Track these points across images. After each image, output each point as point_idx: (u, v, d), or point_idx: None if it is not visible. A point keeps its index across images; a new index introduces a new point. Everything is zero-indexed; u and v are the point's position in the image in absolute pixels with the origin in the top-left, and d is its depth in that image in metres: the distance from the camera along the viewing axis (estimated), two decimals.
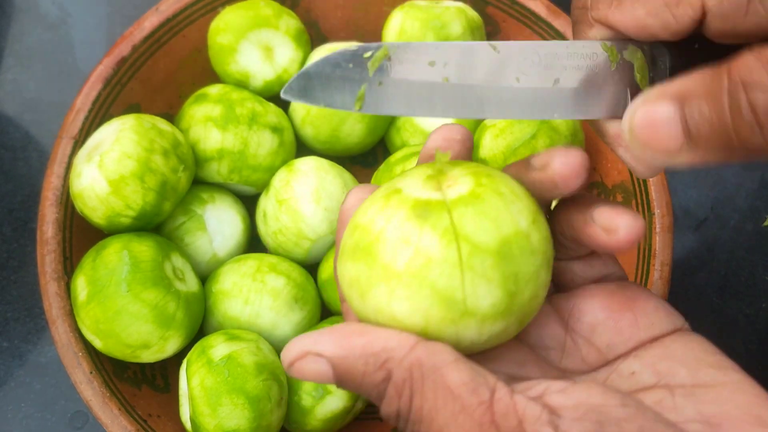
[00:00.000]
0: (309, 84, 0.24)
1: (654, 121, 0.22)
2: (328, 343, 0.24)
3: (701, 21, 0.23)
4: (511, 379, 0.24)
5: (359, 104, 0.24)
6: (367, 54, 0.24)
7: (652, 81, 0.26)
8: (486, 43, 0.25)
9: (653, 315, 0.27)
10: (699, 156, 0.21)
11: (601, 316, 0.27)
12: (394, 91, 0.25)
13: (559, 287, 0.29)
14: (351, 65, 0.24)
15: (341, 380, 0.24)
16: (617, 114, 0.26)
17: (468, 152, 0.28)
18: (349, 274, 0.25)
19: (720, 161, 0.21)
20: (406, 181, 0.26)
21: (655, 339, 0.26)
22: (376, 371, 0.23)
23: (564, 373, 0.27)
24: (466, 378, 0.22)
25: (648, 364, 0.25)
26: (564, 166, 0.25)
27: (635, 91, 0.26)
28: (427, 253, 0.23)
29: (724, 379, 0.24)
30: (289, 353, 0.24)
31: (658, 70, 0.25)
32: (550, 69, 0.25)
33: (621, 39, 0.26)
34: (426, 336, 0.24)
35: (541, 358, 0.27)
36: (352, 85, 0.24)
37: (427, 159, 0.29)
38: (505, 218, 0.24)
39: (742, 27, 0.23)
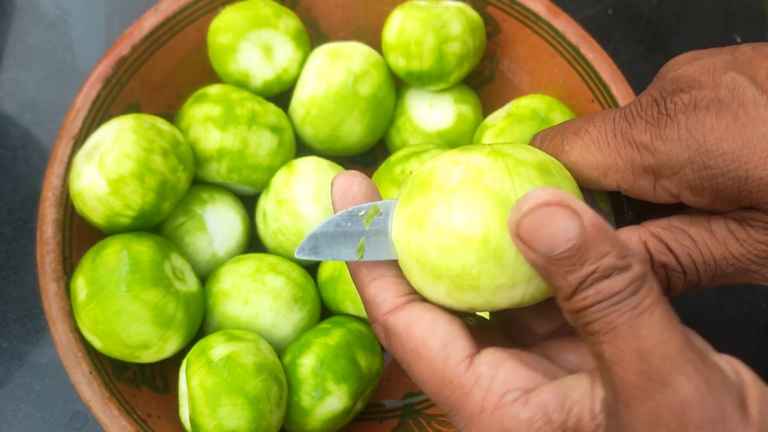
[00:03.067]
0: (317, 243, 0.28)
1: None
2: (587, 208, 0.23)
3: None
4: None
5: (360, 254, 0.27)
6: (361, 213, 0.28)
7: (616, 210, 0.30)
8: None
9: None
10: None
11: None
12: (389, 239, 0.28)
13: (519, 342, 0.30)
14: (349, 224, 0.28)
15: (583, 250, 0.22)
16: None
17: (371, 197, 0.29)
18: (407, 215, 0.27)
19: None
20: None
21: None
22: (620, 260, 0.22)
23: None
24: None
25: None
26: None
27: (596, 208, 0.30)
28: (477, 165, 0.26)
29: None
30: (542, 195, 0.23)
31: (621, 204, 0.30)
32: None
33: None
34: (487, 246, 0.25)
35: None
36: (352, 239, 0.27)
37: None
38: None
39: (653, 201, 0.27)
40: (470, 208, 0.25)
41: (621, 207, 0.29)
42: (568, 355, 0.28)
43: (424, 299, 0.27)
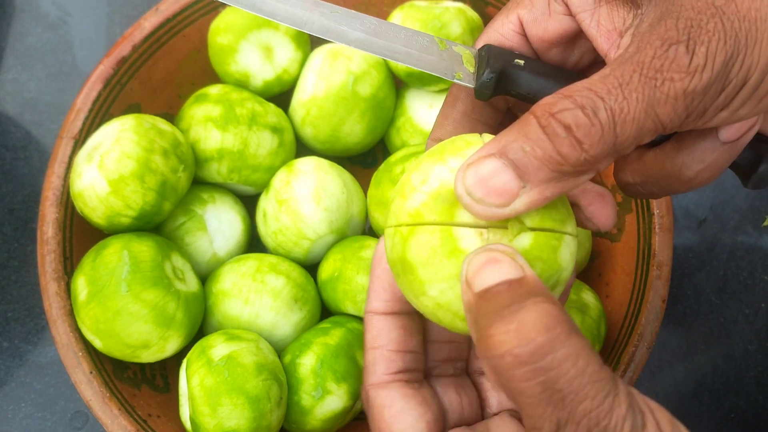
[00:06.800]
0: None
1: (485, 176, 0.23)
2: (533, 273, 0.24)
3: (524, 33, 0.29)
4: None
5: None
6: None
7: (478, 68, 0.30)
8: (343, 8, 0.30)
9: None
10: (539, 192, 0.23)
11: None
12: None
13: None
14: None
15: (517, 296, 0.22)
16: (442, 75, 0.30)
17: None
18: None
19: (556, 194, 0.23)
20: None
21: None
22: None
23: None
24: None
25: None
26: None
27: (463, 69, 0.30)
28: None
29: None
30: (500, 246, 0.23)
31: (483, 62, 0.30)
32: (394, 36, 0.30)
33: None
34: None
35: None
36: None
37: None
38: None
39: (551, 28, 0.28)
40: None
41: (482, 68, 0.30)
42: None
43: (408, 380, 0.28)
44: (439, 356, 0.29)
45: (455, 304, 0.25)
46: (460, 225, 0.24)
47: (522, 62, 0.29)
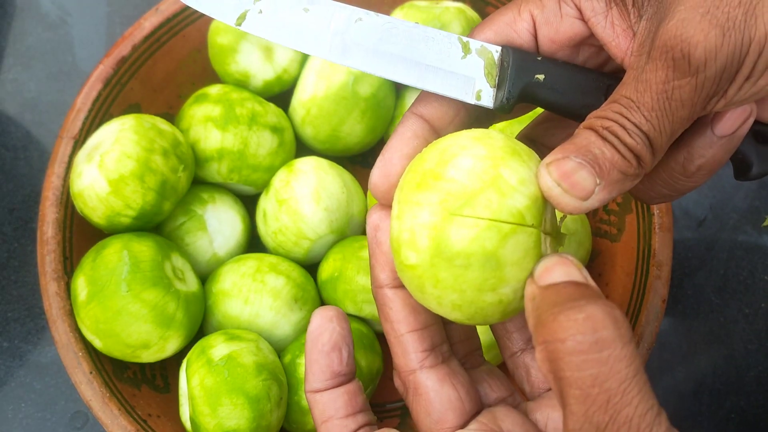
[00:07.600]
0: None
1: (568, 171, 0.25)
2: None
3: (535, 33, 0.29)
4: None
5: (239, 22, 0.29)
6: None
7: (499, 82, 0.29)
8: (358, 9, 0.29)
9: None
10: (608, 192, 0.25)
11: None
12: (269, 22, 0.29)
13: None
14: None
15: (578, 293, 0.23)
16: (460, 96, 0.29)
17: (345, 331, 0.30)
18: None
19: (615, 195, 0.26)
20: None
21: None
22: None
23: None
24: None
25: None
26: None
27: (482, 84, 0.29)
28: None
29: None
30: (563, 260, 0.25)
31: (504, 74, 0.29)
32: (409, 41, 0.29)
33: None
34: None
35: None
36: (238, 6, 0.29)
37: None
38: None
39: (562, 30, 0.28)
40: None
41: (503, 82, 0.29)
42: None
43: None
44: (425, 345, 0.29)
45: (513, 303, 0.26)
46: (543, 231, 0.26)
47: (542, 77, 0.29)
